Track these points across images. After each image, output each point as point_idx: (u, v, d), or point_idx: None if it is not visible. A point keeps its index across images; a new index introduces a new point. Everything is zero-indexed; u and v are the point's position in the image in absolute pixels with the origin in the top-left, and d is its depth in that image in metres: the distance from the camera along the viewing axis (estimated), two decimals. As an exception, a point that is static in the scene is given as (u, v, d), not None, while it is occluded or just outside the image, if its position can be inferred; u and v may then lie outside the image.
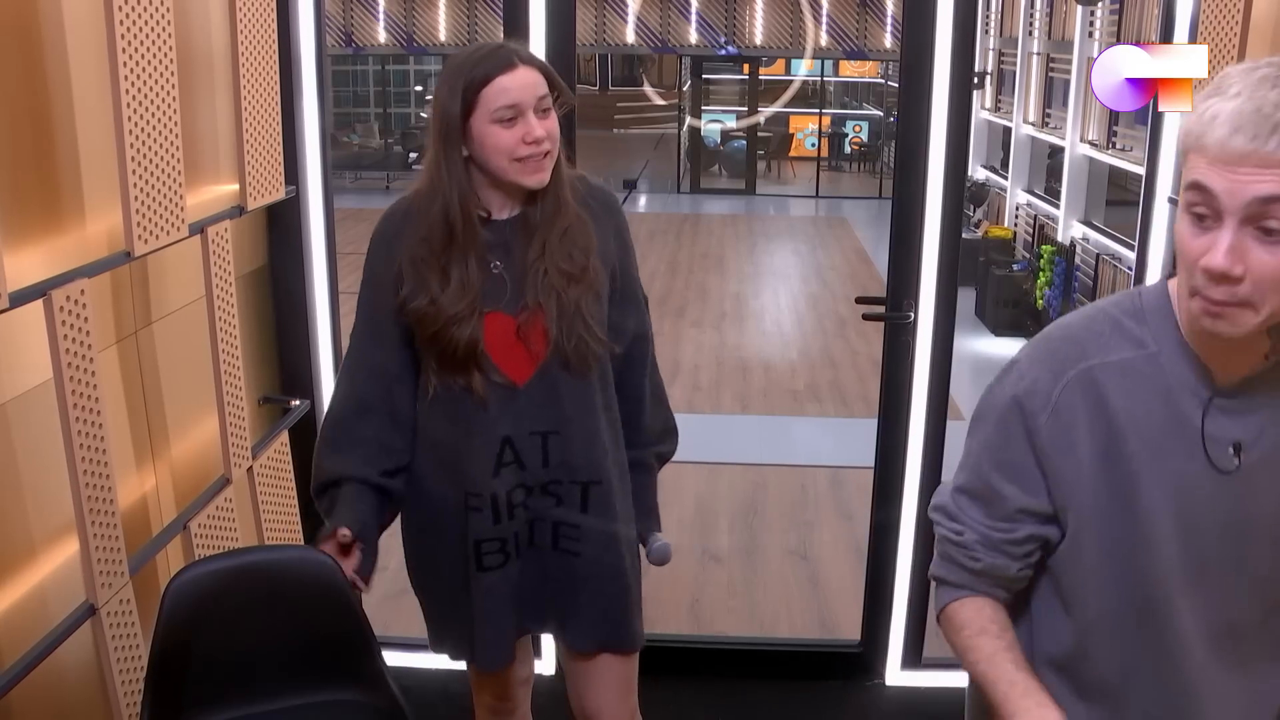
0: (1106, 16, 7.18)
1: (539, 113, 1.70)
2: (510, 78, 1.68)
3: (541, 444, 1.78)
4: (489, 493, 1.77)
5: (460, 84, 1.68)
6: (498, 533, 1.78)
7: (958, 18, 2.57)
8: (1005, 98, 9.96)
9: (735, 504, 4.41)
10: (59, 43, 1.82)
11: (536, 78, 1.71)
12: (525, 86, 1.69)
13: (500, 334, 1.74)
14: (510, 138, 1.68)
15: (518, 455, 1.77)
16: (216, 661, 1.76)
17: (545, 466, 1.79)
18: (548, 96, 1.72)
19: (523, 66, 1.70)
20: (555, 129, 1.73)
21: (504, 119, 1.68)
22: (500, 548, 1.79)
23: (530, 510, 1.80)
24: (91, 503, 1.81)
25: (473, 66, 1.69)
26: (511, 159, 1.69)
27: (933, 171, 2.67)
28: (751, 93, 15.28)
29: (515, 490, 1.78)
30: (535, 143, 1.69)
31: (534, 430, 1.77)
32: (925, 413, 2.81)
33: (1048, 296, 7.16)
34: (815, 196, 14.52)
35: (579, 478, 1.80)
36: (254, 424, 2.56)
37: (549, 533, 1.82)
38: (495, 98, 1.67)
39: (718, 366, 6.75)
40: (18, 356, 1.76)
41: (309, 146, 2.70)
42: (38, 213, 1.81)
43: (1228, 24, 2.30)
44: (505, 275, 1.75)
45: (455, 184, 1.70)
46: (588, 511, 1.82)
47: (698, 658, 3.06)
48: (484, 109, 1.68)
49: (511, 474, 1.78)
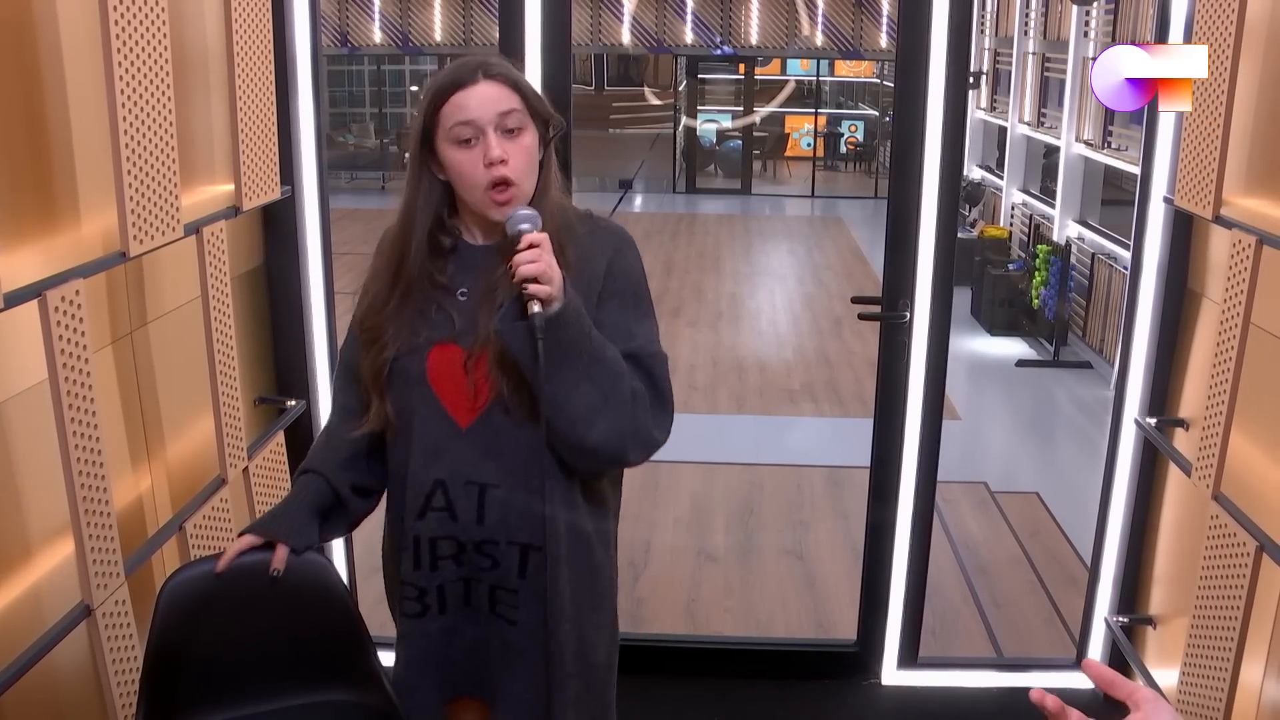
0: (1102, 16, 7.19)
1: (502, 132, 1.55)
2: (467, 93, 1.54)
3: (478, 497, 1.60)
4: (412, 534, 1.63)
5: (425, 101, 1.57)
6: (416, 579, 1.65)
7: (953, 17, 2.57)
8: (1001, 97, 9.96)
9: (731, 504, 4.41)
10: (54, 43, 1.82)
11: (501, 92, 1.55)
12: (484, 102, 1.54)
13: (447, 367, 1.60)
14: (469, 161, 1.55)
15: (450, 504, 1.61)
16: (211, 662, 1.75)
17: (480, 523, 1.61)
18: (517, 114, 1.56)
19: (485, 81, 1.55)
20: (523, 154, 1.57)
21: (461, 139, 1.54)
22: (418, 596, 1.66)
23: (464, 567, 1.64)
24: (87, 503, 1.80)
25: (439, 80, 1.57)
26: (479, 188, 1.56)
27: (928, 171, 2.67)
28: (747, 93, 15.28)
29: (443, 541, 1.63)
30: (490, 165, 1.54)
31: (471, 480, 1.60)
32: (921, 412, 2.81)
33: (1043, 296, 7.16)
34: (811, 196, 14.54)
35: (517, 539, 1.62)
36: (250, 424, 2.55)
37: (485, 595, 1.65)
38: (451, 114, 1.54)
39: (713, 366, 6.76)
40: (13, 357, 1.76)
41: (304, 146, 2.70)
42: (33, 213, 1.80)
43: (1223, 23, 2.31)
44: (468, 306, 1.61)
45: (419, 209, 1.60)
46: (524, 578, 1.63)
47: (693, 657, 3.06)
48: (443, 129, 1.55)
49: (439, 522, 1.62)
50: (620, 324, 1.62)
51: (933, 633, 3.20)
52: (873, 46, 12.33)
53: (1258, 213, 2.28)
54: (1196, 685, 2.37)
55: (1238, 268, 2.28)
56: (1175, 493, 2.71)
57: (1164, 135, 2.63)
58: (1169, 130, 2.61)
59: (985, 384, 6.69)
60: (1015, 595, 3.67)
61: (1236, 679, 2.24)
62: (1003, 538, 4.16)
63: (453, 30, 12.38)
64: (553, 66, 2.66)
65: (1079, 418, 6.12)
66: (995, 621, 3.47)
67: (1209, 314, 2.56)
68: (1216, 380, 2.36)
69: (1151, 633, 2.80)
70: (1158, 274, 2.68)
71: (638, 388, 1.60)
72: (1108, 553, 2.88)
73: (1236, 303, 2.29)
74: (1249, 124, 2.31)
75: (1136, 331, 2.73)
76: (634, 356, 1.61)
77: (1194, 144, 2.45)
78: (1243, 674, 2.23)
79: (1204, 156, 2.40)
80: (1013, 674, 3.03)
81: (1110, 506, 2.86)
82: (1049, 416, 6.30)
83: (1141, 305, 2.71)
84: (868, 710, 2.94)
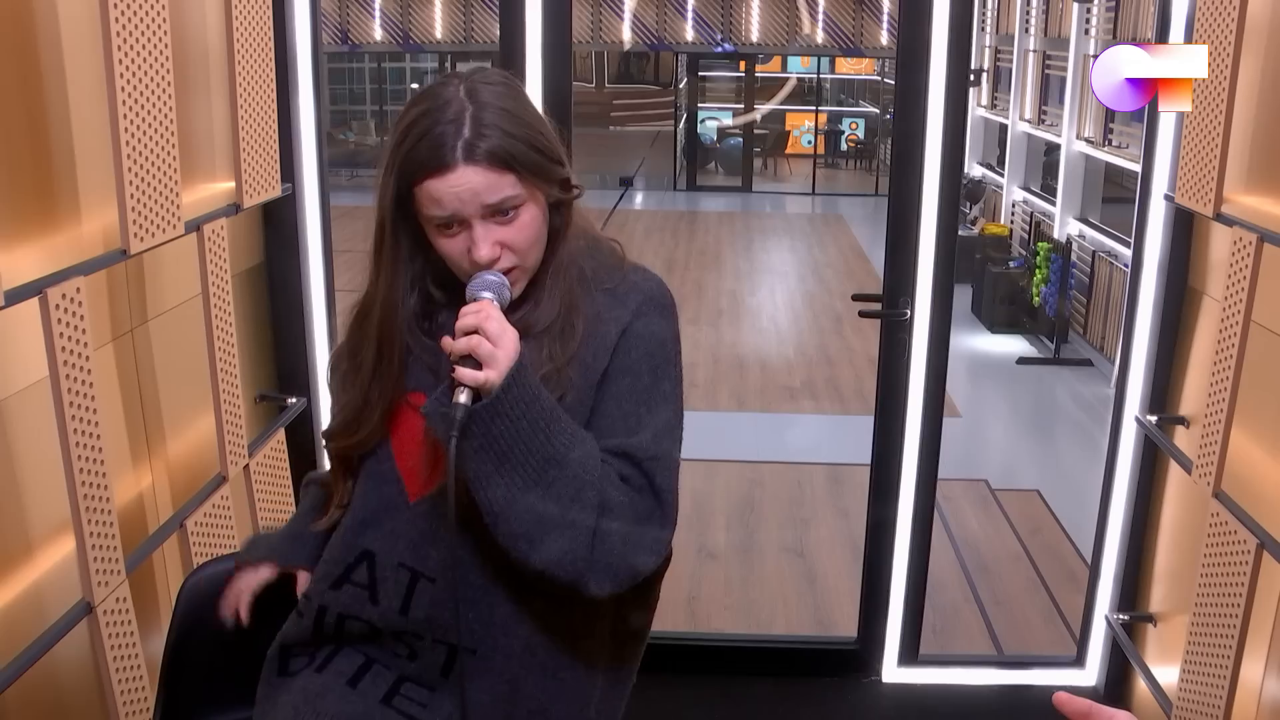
0: (1103, 14, 7.18)
1: (494, 217, 1.27)
2: (441, 183, 1.24)
3: (408, 585, 1.33)
4: (318, 602, 1.38)
5: (393, 174, 1.27)
6: (302, 644, 1.41)
7: (954, 15, 2.57)
8: (1001, 95, 9.96)
9: (732, 501, 4.41)
10: (54, 40, 1.82)
11: (487, 179, 1.24)
12: (464, 195, 1.24)
13: (410, 425, 1.35)
14: (456, 247, 1.28)
15: (373, 582, 1.35)
16: (227, 661, 1.75)
17: (403, 614, 1.34)
18: (509, 196, 1.26)
19: (464, 166, 1.23)
20: (523, 233, 1.29)
21: (442, 226, 1.28)
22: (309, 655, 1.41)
23: (371, 648, 1.38)
24: (88, 501, 1.80)
25: (406, 152, 1.26)
26: (469, 273, 1.30)
27: (929, 169, 2.67)
28: (748, 90, 15.28)
29: (353, 620, 1.37)
30: (476, 265, 1.27)
31: (404, 564, 1.33)
32: (922, 409, 2.81)
33: (1044, 293, 7.16)
34: (811, 194, 14.54)
35: (446, 638, 1.32)
36: (250, 422, 2.55)
37: (386, 684, 1.36)
38: (426, 201, 1.26)
39: (714, 364, 6.75)
40: (13, 354, 1.76)
41: (305, 144, 2.70)
42: (33, 210, 1.80)
43: (1223, 22, 2.31)
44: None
45: (381, 296, 1.34)
46: (447, 680, 1.33)
47: (694, 655, 3.06)
48: (420, 208, 1.28)
49: (354, 599, 1.36)
50: (625, 411, 1.31)
51: (933, 630, 3.20)
52: (873, 44, 12.33)
53: (1259, 210, 2.28)
54: (1197, 683, 2.37)
55: (1238, 265, 2.28)
56: (1176, 490, 2.71)
57: (1165, 133, 2.62)
58: (1170, 128, 2.61)
59: (986, 381, 6.69)
60: (1016, 593, 3.68)
61: (1237, 676, 2.24)
62: (1003, 535, 4.16)
63: (453, 28, 12.38)
64: (553, 64, 2.65)
65: (1079, 415, 6.12)
66: (996, 619, 3.47)
67: (1210, 311, 2.56)
68: (1217, 378, 2.36)
69: (1152, 630, 2.80)
70: (1158, 271, 2.68)
71: (617, 500, 1.27)
72: (1108, 550, 2.88)
73: (1237, 300, 2.29)
74: (1250, 121, 2.31)
75: (1137, 329, 2.73)
76: (628, 455, 1.29)
77: (1195, 142, 2.45)
78: (1243, 672, 2.23)
79: (1205, 154, 2.40)
80: (1013, 671, 3.03)
81: (1111, 504, 2.86)
82: (1049, 414, 6.30)
83: (1142, 303, 2.71)
84: (868, 708, 2.95)
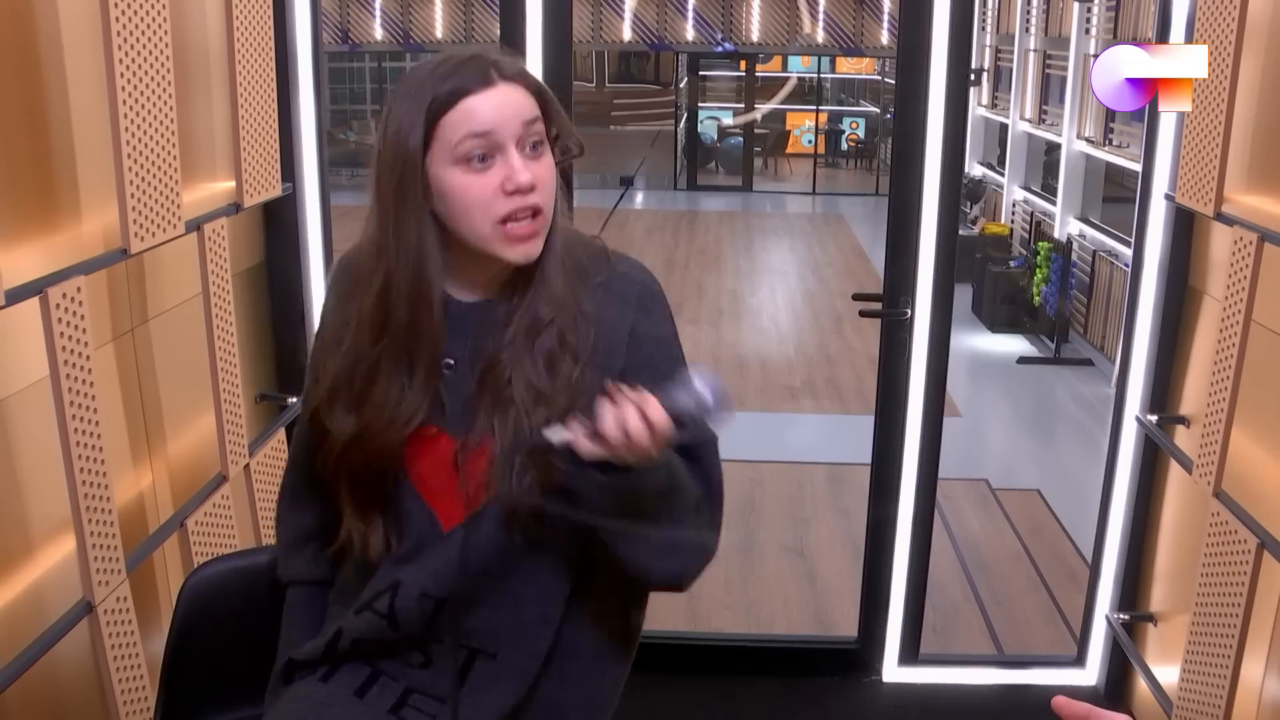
0: (1103, 14, 7.18)
1: (526, 150, 1.21)
2: (480, 98, 1.19)
3: (431, 611, 1.29)
4: (336, 625, 1.35)
5: (413, 111, 1.19)
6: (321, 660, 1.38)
7: (954, 14, 2.57)
8: (1002, 94, 9.96)
9: (732, 501, 4.33)
10: (54, 39, 1.82)
11: (524, 98, 1.21)
12: (505, 109, 1.19)
13: (433, 460, 1.28)
14: (480, 187, 1.19)
15: (393, 611, 1.30)
16: (229, 660, 1.75)
17: (428, 626, 1.31)
18: (540, 125, 1.22)
19: (503, 83, 1.20)
20: (549, 177, 1.23)
21: (471, 157, 1.19)
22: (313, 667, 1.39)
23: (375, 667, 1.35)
24: (88, 500, 1.80)
25: (437, 83, 1.20)
26: (491, 219, 1.21)
27: (929, 168, 2.67)
28: (748, 89, 15.27)
29: (369, 642, 1.33)
30: (518, 191, 1.20)
31: (427, 594, 1.28)
32: (922, 409, 2.81)
33: (1044, 293, 7.16)
34: (812, 193, 14.53)
35: (468, 642, 1.30)
36: (251, 421, 2.55)
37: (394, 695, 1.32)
38: (457, 126, 1.18)
39: (715, 363, 6.75)
40: (14, 354, 1.76)
41: (305, 143, 2.70)
42: (33, 210, 1.80)
43: (1224, 22, 2.30)
44: (456, 381, 1.26)
45: (409, 254, 1.22)
46: (462, 688, 1.30)
47: (694, 655, 3.06)
48: (443, 144, 1.19)
49: (372, 626, 1.32)
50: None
51: (934, 630, 3.20)
52: (874, 43, 12.32)
53: (1259, 210, 2.28)
54: (1197, 682, 2.37)
55: (1239, 265, 2.28)
56: (1176, 490, 2.71)
57: (1165, 132, 2.62)
58: (1170, 128, 2.60)
59: (986, 381, 6.69)
60: (1016, 592, 3.68)
61: (1237, 676, 2.24)
62: (1003, 535, 4.16)
63: (454, 27, 12.37)
64: (553, 64, 2.65)
65: (1080, 415, 6.12)
66: (996, 618, 3.47)
67: (1210, 311, 2.55)
68: (1217, 377, 2.36)
69: (1152, 630, 2.80)
70: (1159, 271, 2.68)
71: (699, 495, 1.30)
72: (1108, 550, 2.88)
73: (1238, 300, 2.29)
74: (1250, 121, 2.31)
75: (1138, 328, 2.73)
76: (686, 448, 1.27)
77: (1195, 141, 2.45)
78: (1243, 671, 2.23)
79: (1205, 154, 2.40)
80: (1013, 671, 3.03)
81: (1111, 503, 2.86)
82: (1050, 413, 6.30)
83: (1143, 302, 2.71)
84: (869, 707, 2.94)
